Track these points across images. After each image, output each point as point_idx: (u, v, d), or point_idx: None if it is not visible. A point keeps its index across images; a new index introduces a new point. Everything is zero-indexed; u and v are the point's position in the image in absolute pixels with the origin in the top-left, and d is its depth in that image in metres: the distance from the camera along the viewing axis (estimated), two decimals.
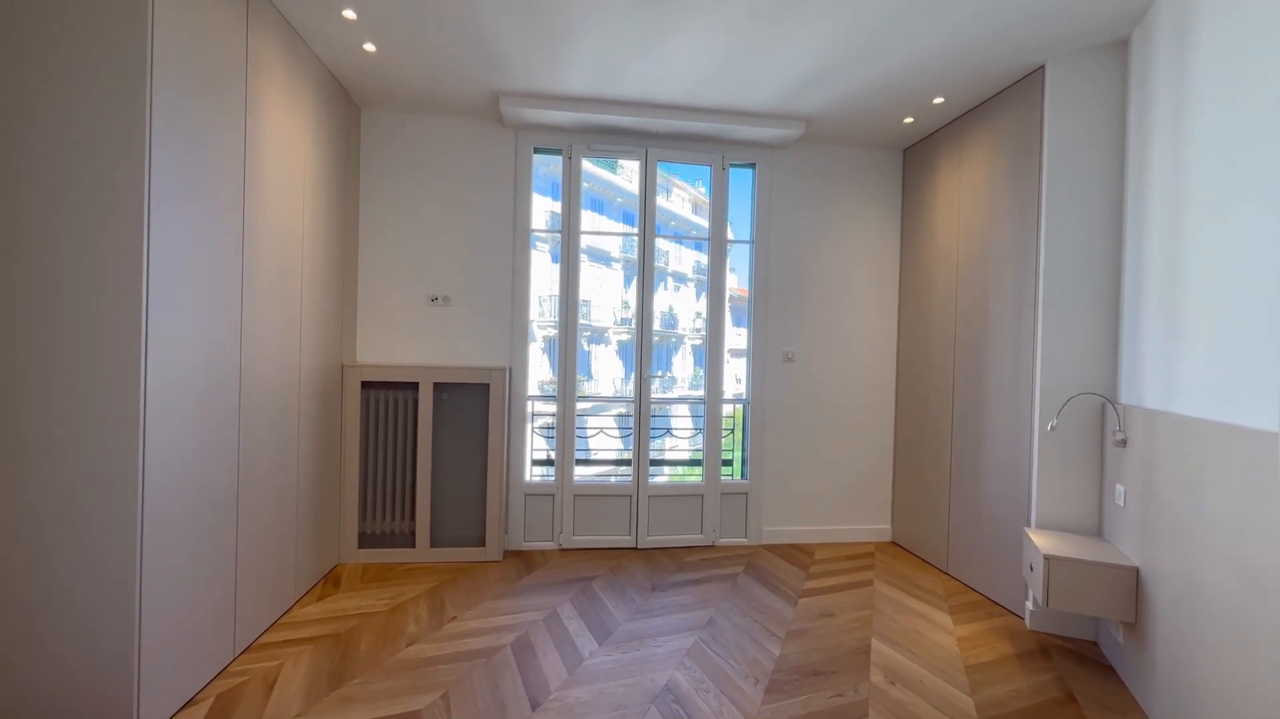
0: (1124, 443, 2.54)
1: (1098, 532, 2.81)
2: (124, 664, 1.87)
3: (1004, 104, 3.23)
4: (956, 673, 2.50)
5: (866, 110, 3.59)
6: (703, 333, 4.22)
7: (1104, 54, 2.80)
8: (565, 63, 3.12)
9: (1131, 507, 2.48)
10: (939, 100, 3.41)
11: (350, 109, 3.55)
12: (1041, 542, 2.62)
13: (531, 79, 3.30)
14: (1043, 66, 2.96)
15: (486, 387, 3.68)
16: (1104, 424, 2.78)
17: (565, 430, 3.91)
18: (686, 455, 4.58)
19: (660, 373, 4.24)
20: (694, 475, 4.32)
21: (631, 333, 4.11)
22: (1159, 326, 2.36)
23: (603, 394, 4.29)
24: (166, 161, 1.95)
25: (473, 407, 3.69)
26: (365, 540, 3.59)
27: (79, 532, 1.84)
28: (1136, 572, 2.39)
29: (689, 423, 4.81)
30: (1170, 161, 2.34)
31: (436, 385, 3.64)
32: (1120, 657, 2.52)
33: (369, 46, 2.96)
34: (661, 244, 3.95)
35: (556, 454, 3.92)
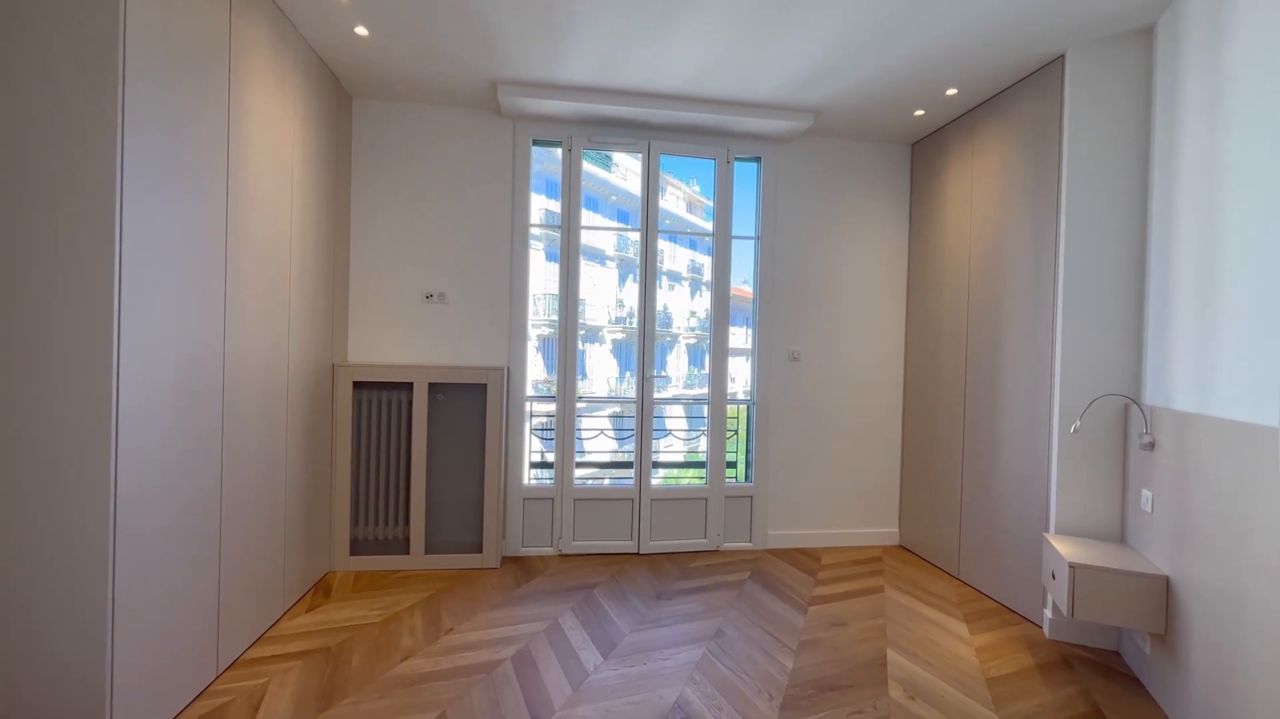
0: (1151, 446, 2.44)
1: (1120, 538, 2.71)
2: (95, 687, 1.73)
3: (1020, 95, 3.13)
4: (978, 686, 2.39)
5: (877, 102, 3.48)
6: (697, 331, 4.12)
7: (1127, 42, 2.70)
8: (567, 50, 2.99)
9: (1160, 513, 2.38)
10: (952, 91, 3.31)
11: (341, 97, 3.40)
12: (1064, 548, 2.51)
13: (531, 67, 3.17)
14: (1062, 56, 2.85)
15: (484, 387, 3.55)
16: (1127, 426, 2.69)
17: (565, 432, 3.78)
18: (681, 457, 4.46)
19: (657, 373, 4.14)
20: (688, 477, 4.20)
21: (626, 331, 4.00)
22: (1191, 326, 2.25)
23: (597, 394, 4.16)
24: (141, 150, 1.81)
25: (469, 407, 3.56)
26: (357, 547, 3.45)
27: (44, 547, 1.70)
28: (1167, 581, 2.29)
29: (684, 424, 4.70)
30: (1204, 153, 2.23)
31: (432, 386, 3.51)
32: (1147, 668, 2.42)
33: (361, 30, 2.82)
34: (652, 243, 3.83)
35: (556, 456, 3.80)
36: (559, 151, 3.82)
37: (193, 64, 2.05)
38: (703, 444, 4.05)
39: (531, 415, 3.87)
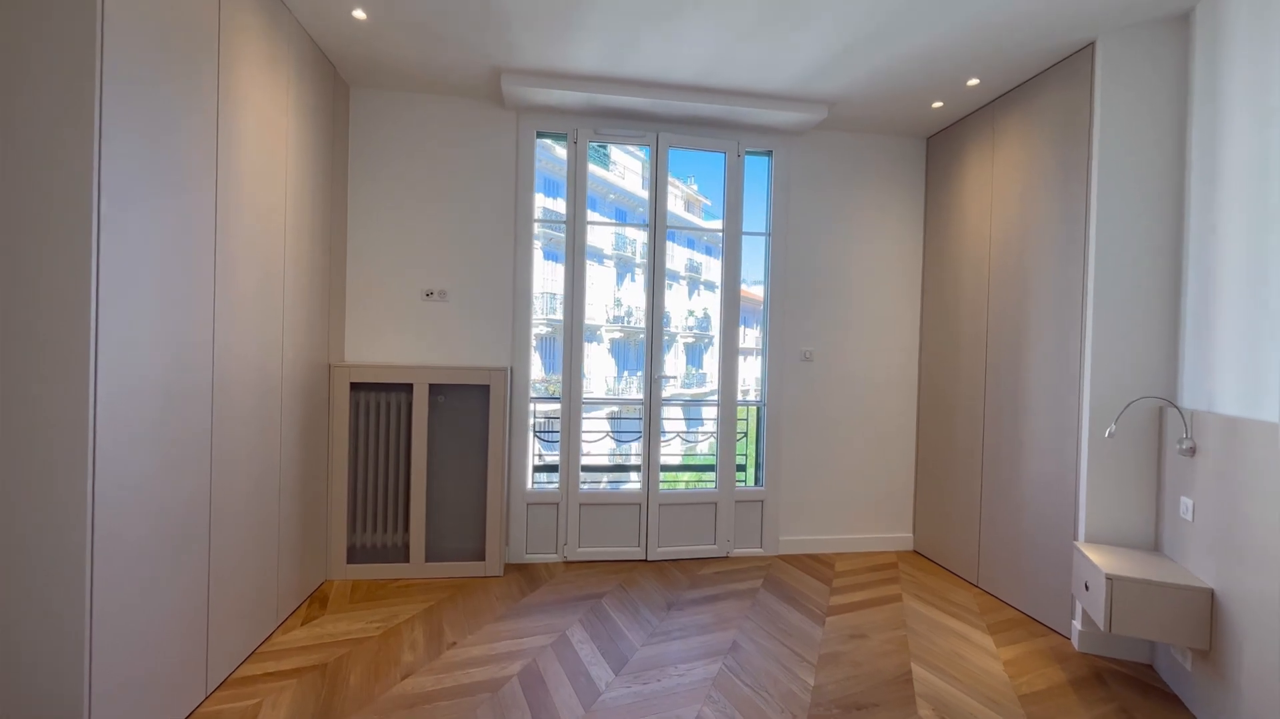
0: (1193, 451, 2.32)
1: (1154, 546, 2.60)
2: (72, 712, 1.60)
3: (1044, 86, 3.01)
4: (1010, 704, 2.27)
5: (894, 93, 3.36)
6: (695, 331, 4.02)
7: (1162, 28, 2.58)
8: (574, 36, 2.85)
9: (1203, 522, 2.27)
10: (974, 82, 3.18)
11: (338, 87, 3.27)
12: (1098, 558, 2.40)
13: (536, 54, 3.04)
14: (1092, 43, 2.73)
15: (486, 388, 3.41)
16: (1162, 430, 2.57)
17: (570, 435, 3.65)
18: (690, 460, 4.33)
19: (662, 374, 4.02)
20: (684, 480, 4.07)
21: (625, 331, 3.90)
22: (1240, 326, 2.14)
23: (595, 394, 4.01)
24: (120, 140, 1.66)
25: (471, 409, 3.42)
26: (355, 555, 3.31)
27: (15, 563, 1.56)
28: (1211, 594, 2.17)
29: (683, 425, 4.57)
30: (1252, 143, 2.12)
31: (432, 387, 3.37)
32: (1187, 684, 2.31)
33: (359, 14, 2.68)
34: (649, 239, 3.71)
35: (561, 460, 3.67)
36: (559, 150, 3.68)
37: (178, 52, 1.91)
38: (704, 447, 3.93)
39: (534, 417, 3.75)
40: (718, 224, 3.91)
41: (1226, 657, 2.08)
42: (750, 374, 4.03)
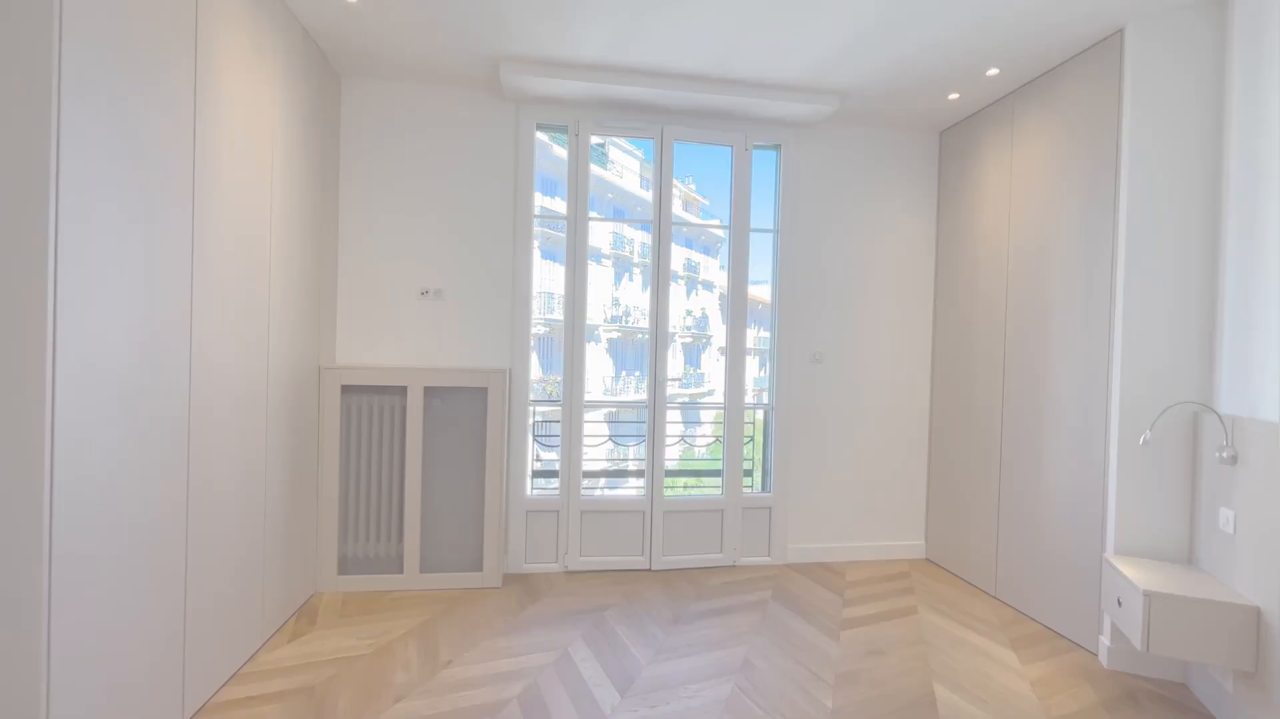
0: (1233, 460, 2.19)
1: (1188, 560, 2.47)
2: None
3: (1069, 75, 2.88)
4: None
5: (909, 84, 3.23)
6: (693, 331, 3.90)
7: (1196, 14, 2.46)
8: (577, 22, 2.71)
9: (1245, 535, 2.13)
10: (993, 72, 3.06)
11: (329, 76, 3.12)
12: (1133, 573, 2.26)
13: (537, 42, 2.90)
14: (1120, 31, 2.60)
15: (484, 391, 3.26)
16: (1197, 436, 2.44)
17: (571, 439, 3.51)
18: (677, 464, 4.19)
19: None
20: (680, 485, 3.94)
21: (623, 331, 3.77)
22: None
23: (593, 396, 3.87)
24: (83, 133, 1.51)
25: (468, 413, 3.27)
26: (346, 565, 3.16)
27: None
28: (1258, 612, 2.04)
29: (695, 429, 4.45)
30: None
31: (427, 389, 3.22)
32: (1228, 707, 2.17)
33: None
34: (648, 239, 3.57)
35: (561, 465, 3.52)
36: (556, 148, 3.54)
37: (151, 38, 1.77)
38: (703, 450, 3.79)
39: (532, 417, 3.60)
40: (722, 222, 3.77)
41: (1275, 679, 1.95)
42: (749, 375, 3.89)
